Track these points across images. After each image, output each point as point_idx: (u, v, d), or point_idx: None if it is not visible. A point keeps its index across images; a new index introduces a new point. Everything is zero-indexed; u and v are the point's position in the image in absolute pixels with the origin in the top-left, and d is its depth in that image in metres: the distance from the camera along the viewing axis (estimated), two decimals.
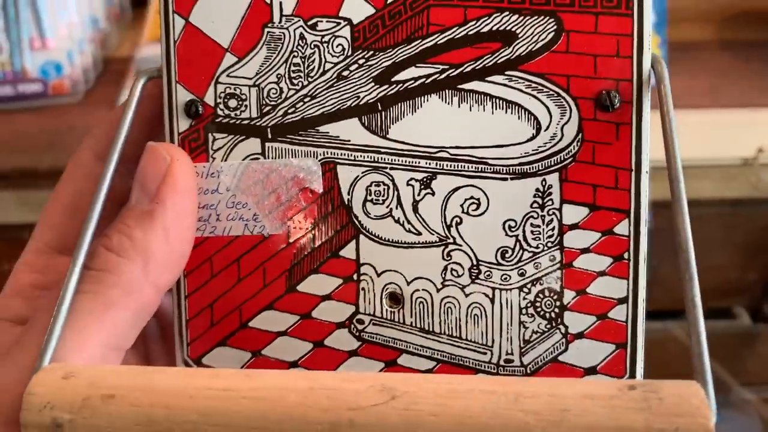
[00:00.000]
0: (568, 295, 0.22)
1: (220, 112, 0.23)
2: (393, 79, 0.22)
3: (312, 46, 0.23)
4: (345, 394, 0.16)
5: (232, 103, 0.23)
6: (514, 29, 0.21)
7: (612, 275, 0.22)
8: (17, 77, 0.64)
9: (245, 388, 0.17)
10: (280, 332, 0.24)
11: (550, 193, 0.22)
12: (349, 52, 0.22)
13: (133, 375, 0.17)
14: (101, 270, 0.21)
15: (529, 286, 0.22)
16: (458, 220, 0.22)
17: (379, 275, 0.23)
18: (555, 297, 0.22)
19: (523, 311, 0.22)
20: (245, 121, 0.23)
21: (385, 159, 0.22)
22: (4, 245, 0.52)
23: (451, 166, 0.22)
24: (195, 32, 0.23)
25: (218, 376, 0.17)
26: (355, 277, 0.23)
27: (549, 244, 0.22)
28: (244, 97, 0.23)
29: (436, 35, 0.22)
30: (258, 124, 0.23)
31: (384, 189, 0.23)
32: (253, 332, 0.24)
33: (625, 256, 0.22)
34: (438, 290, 0.23)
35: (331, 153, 0.23)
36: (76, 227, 0.24)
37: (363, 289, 0.23)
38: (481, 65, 0.22)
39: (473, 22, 0.22)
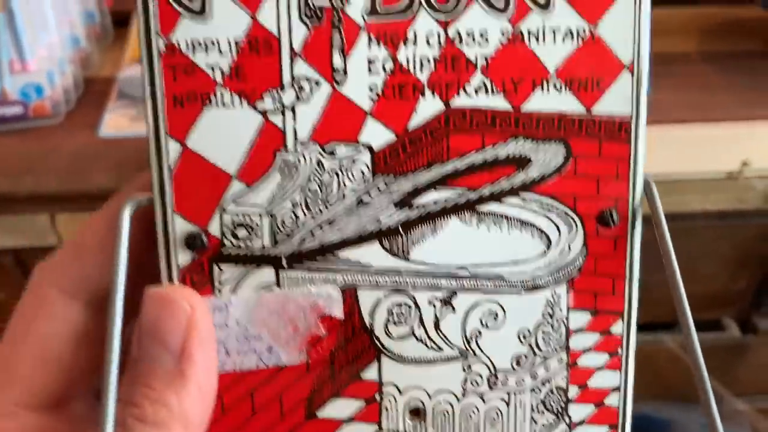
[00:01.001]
0: (573, 390, 0.24)
1: (227, 243, 0.21)
2: (414, 203, 0.22)
3: (330, 173, 0.22)
4: None
5: (242, 232, 0.21)
6: (528, 154, 0.22)
7: (608, 369, 0.24)
8: None
9: None
10: None
11: (559, 303, 0.23)
12: (370, 178, 0.22)
13: None
14: None
15: (540, 386, 0.24)
16: (477, 334, 0.23)
17: (401, 393, 0.23)
18: (562, 393, 0.24)
19: (534, 409, 0.24)
20: (257, 251, 0.22)
21: (407, 280, 0.22)
22: None
23: (470, 284, 0.23)
24: (194, 158, 0.21)
25: None
26: (377, 397, 0.23)
27: (557, 348, 0.24)
28: (255, 226, 0.21)
29: (456, 160, 0.22)
30: (272, 253, 0.22)
31: (406, 310, 0.23)
32: None
33: (619, 351, 0.24)
34: (459, 401, 0.23)
35: (351, 278, 0.22)
36: (48, 380, 0.21)
37: (386, 408, 0.23)
38: (498, 188, 0.22)
39: (490, 148, 0.22)
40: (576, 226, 0.23)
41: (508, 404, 0.24)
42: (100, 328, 0.22)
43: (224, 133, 0.21)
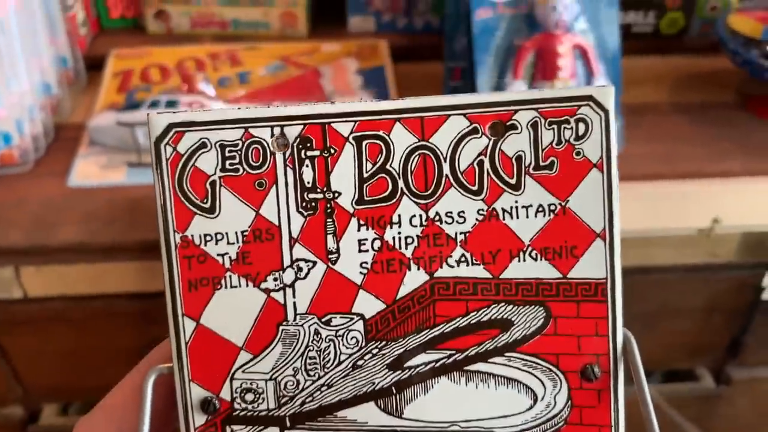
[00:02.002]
0: None
1: (237, 406, 0.24)
2: (405, 365, 0.24)
3: (327, 340, 0.24)
4: None
5: (249, 396, 0.24)
6: (510, 317, 0.24)
7: None
8: None
9: None
10: None
11: None
12: (363, 344, 0.24)
13: None
14: None
15: None
16: None
17: None
18: None
19: None
20: (263, 413, 0.24)
21: None
22: None
23: None
24: (207, 333, 0.23)
25: None
26: None
27: None
28: (261, 390, 0.24)
29: (443, 325, 0.24)
30: (276, 414, 0.24)
31: None
32: None
33: None
34: None
35: None
36: None
37: None
38: (484, 349, 0.24)
39: (474, 313, 0.24)
40: (560, 381, 0.25)
41: None
42: None
43: (233, 310, 0.23)
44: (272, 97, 0.73)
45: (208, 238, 0.23)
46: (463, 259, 0.24)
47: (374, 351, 0.24)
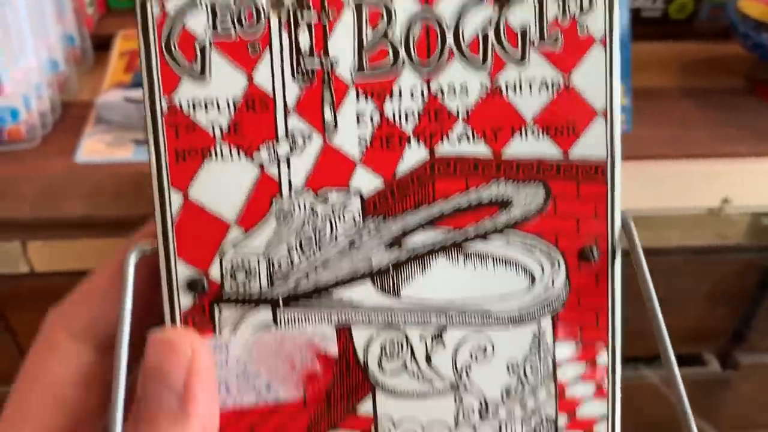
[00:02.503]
0: (562, 419, 0.25)
1: (227, 286, 0.23)
2: (403, 244, 0.24)
3: (323, 218, 0.23)
4: None
5: (240, 276, 0.23)
6: (510, 196, 0.24)
7: (596, 398, 0.25)
8: None
9: None
10: None
11: (545, 335, 0.25)
12: (360, 222, 0.23)
13: None
14: None
15: (530, 416, 0.25)
16: (468, 367, 0.24)
17: (396, 426, 0.24)
18: (551, 423, 0.25)
19: None
20: (255, 292, 0.23)
21: (398, 317, 0.24)
22: None
23: (459, 319, 0.24)
24: (195, 208, 0.22)
25: None
26: (373, 430, 0.24)
27: (545, 379, 0.25)
28: (253, 269, 0.23)
29: (442, 203, 0.24)
30: (269, 294, 0.23)
31: (398, 346, 0.24)
32: None
33: (605, 381, 0.25)
34: None
35: (345, 316, 0.23)
36: (60, 421, 0.22)
37: None
38: (483, 228, 0.24)
39: (474, 191, 0.24)
40: (558, 262, 0.24)
41: None
42: (108, 371, 0.23)
43: (223, 183, 0.22)
44: None
45: (198, 104, 0.22)
46: (464, 135, 0.23)
47: (372, 229, 0.23)
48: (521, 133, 0.23)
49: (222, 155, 0.22)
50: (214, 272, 0.23)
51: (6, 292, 0.63)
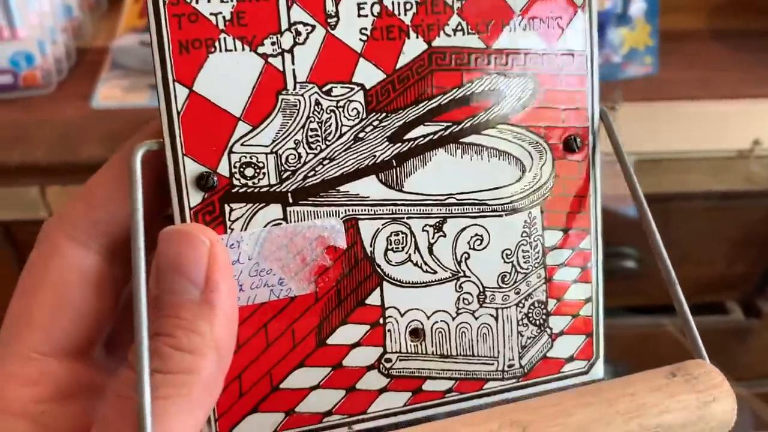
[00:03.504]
0: (551, 303, 0.27)
1: (236, 182, 0.23)
2: (405, 138, 0.24)
3: (328, 111, 0.23)
4: None
5: (249, 171, 0.23)
6: (501, 89, 0.25)
7: (581, 281, 0.27)
8: None
9: None
10: (312, 387, 0.24)
11: (535, 223, 0.26)
12: (364, 115, 0.24)
13: None
14: (180, 372, 0.19)
15: (523, 301, 0.26)
16: (466, 256, 0.25)
17: (402, 315, 0.25)
18: (542, 306, 0.27)
19: (520, 323, 0.27)
20: (264, 189, 0.23)
21: (402, 210, 0.24)
22: None
23: (458, 210, 0.25)
24: (201, 101, 0.22)
25: None
26: (381, 321, 0.25)
27: (536, 265, 0.26)
28: (261, 165, 0.23)
29: (440, 97, 0.24)
30: (278, 190, 0.23)
31: (403, 237, 0.25)
32: (285, 393, 0.24)
33: (589, 265, 0.27)
34: (453, 318, 0.26)
35: (352, 210, 0.24)
36: (66, 326, 0.22)
37: (389, 330, 0.25)
38: (477, 121, 0.25)
39: (469, 84, 0.25)
40: (546, 152, 0.26)
41: (496, 319, 0.26)
42: (113, 275, 0.23)
43: (229, 76, 0.22)
44: None
45: None
46: (459, 27, 0.24)
47: (375, 123, 0.24)
48: (510, 26, 0.24)
49: (226, 47, 0.22)
50: (223, 168, 0.22)
51: (26, 237, 0.61)
